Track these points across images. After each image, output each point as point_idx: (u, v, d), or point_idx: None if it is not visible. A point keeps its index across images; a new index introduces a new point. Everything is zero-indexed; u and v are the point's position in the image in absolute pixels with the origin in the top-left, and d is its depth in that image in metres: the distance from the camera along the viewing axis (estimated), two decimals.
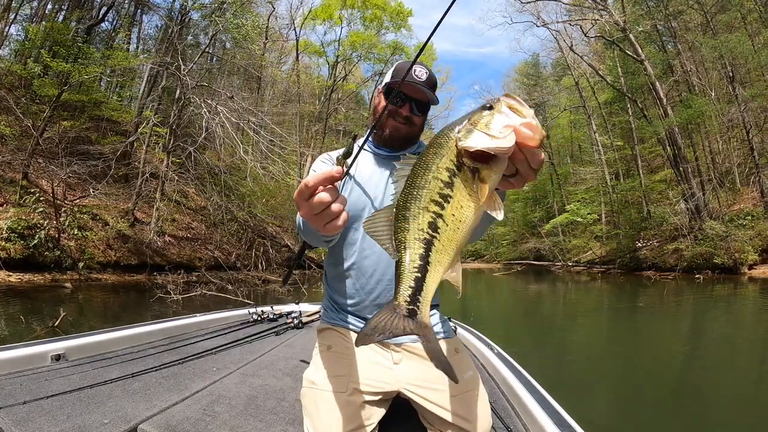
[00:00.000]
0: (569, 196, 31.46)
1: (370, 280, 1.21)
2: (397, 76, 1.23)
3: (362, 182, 1.24)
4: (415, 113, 1.24)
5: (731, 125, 18.74)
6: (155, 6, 18.53)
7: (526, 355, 4.33)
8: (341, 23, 30.44)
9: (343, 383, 1.07)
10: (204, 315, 2.69)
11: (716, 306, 9.26)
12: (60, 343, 1.75)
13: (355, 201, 1.21)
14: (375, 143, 1.31)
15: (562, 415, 1.26)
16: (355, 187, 1.23)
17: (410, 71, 1.18)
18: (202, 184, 15.83)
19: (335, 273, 1.27)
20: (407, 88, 1.20)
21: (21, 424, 1.12)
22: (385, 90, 1.25)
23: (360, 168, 1.26)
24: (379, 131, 1.27)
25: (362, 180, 1.24)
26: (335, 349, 1.17)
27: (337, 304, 1.28)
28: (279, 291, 11.51)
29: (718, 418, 2.98)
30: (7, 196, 10.29)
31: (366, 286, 1.22)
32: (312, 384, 1.09)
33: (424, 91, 1.19)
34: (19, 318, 5.64)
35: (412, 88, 1.19)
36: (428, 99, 1.23)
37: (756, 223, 15.88)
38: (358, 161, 1.26)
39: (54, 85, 12.74)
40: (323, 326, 1.29)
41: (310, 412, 1.06)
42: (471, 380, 1.16)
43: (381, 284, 1.21)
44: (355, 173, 1.25)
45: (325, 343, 1.21)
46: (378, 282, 1.21)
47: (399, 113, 1.22)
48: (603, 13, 19.75)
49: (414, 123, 1.25)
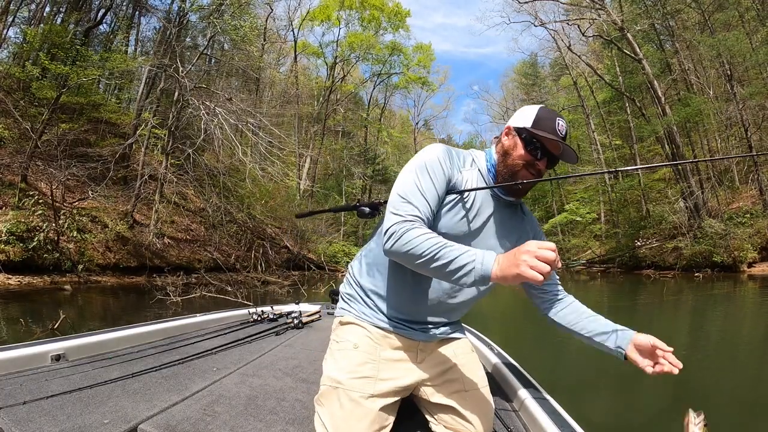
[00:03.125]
0: (568, 196, 31.51)
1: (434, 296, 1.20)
2: (541, 124, 1.14)
3: (470, 211, 1.18)
4: (547, 169, 1.19)
5: (729, 123, 18.78)
6: (153, 8, 18.51)
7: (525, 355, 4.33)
8: (339, 24, 30.49)
9: (371, 386, 1.08)
10: (204, 315, 2.68)
11: (716, 304, 9.27)
12: (60, 343, 1.75)
13: (456, 225, 1.16)
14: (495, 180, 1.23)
15: (562, 415, 1.26)
16: (463, 212, 1.17)
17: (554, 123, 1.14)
18: (201, 185, 15.82)
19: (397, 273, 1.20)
20: (549, 143, 1.14)
21: (21, 425, 1.12)
22: (526, 137, 1.16)
23: (473, 196, 1.19)
24: (507, 176, 1.18)
25: (470, 207, 1.18)
26: (363, 348, 1.16)
27: (379, 298, 1.23)
28: (278, 292, 11.52)
29: (718, 418, 2.98)
30: (5, 199, 10.27)
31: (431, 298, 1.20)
32: (337, 383, 1.08)
33: (565, 150, 1.16)
34: (18, 321, 5.63)
35: (553, 144, 1.14)
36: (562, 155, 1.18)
37: (755, 221, 15.90)
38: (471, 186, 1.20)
39: (52, 88, 12.73)
40: (348, 320, 1.24)
41: (333, 413, 1.05)
42: (482, 378, 1.25)
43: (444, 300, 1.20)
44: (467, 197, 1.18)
45: (351, 339, 1.18)
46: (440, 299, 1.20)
47: (535, 166, 1.15)
48: (600, 12, 19.78)
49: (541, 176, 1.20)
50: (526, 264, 0.83)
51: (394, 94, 38.03)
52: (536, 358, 4.83)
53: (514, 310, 9.73)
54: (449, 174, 1.15)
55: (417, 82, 35.66)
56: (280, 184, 18.33)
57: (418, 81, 35.61)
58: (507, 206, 1.25)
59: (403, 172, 1.14)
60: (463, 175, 1.18)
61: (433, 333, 1.24)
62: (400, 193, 1.08)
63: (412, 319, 1.22)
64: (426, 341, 1.23)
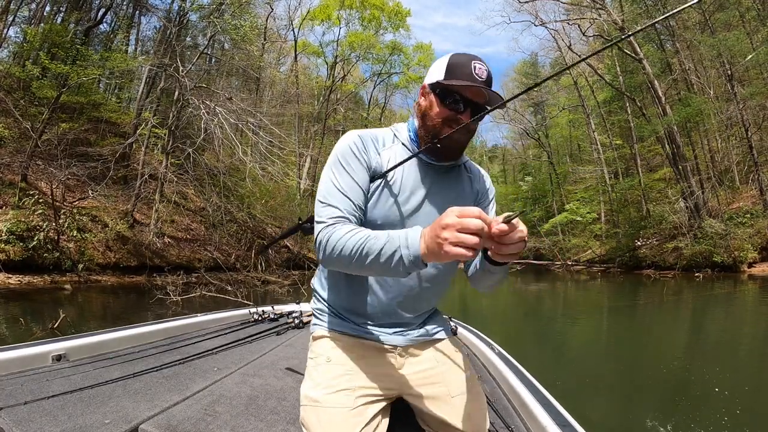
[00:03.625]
0: (568, 196, 31.48)
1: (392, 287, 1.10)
2: (455, 72, 1.01)
3: (401, 191, 1.07)
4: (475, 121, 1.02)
5: (730, 123, 18.77)
6: (153, 7, 18.50)
7: (526, 355, 4.33)
8: (339, 24, 30.45)
9: (349, 399, 0.98)
10: (205, 315, 2.69)
11: (716, 304, 9.27)
12: (61, 344, 1.75)
13: (390, 211, 1.05)
14: (419, 147, 1.10)
15: (563, 414, 1.26)
16: (393, 194, 1.06)
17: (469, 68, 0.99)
18: (201, 185, 15.83)
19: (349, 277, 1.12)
20: (467, 90, 1.00)
21: (22, 425, 1.12)
22: (440, 91, 1.03)
23: (399, 173, 1.08)
24: (430, 138, 1.06)
25: (401, 187, 1.07)
26: (336, 361, 1.06)
27: (343, 308, 1.14)
28: (279, 291, 11.52)
29: (718, 417, 2.98)
30: (6, 198, 10.27)
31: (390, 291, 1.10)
32: (315, 402, 0.98)
33: (488, 93, 1.00)
34: (18, 320, 5.63)
35: (473, 90, 1.00)
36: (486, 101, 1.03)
37: (755, 221, 15.90)
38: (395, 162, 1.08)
39: (53, 87, 12.73)
40: (320, 333, 1.15)
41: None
42: (469, 380, 1.12)
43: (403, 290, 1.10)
44: (394, 177, 1.07)
45: (323, 353, 1.09)
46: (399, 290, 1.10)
47: (457, 120, 1.02)
48: (601, 12, 19.77)
49: (471, 131, 1.06)
50: (449, 242, 0.71)
51: (394, 93, 37.99)
52: (537, 357, 4.84)
53: (515, 310, 9.74)
54: (366, 160, 1.05)
55: (417, 81, 35.64)
56: (281, 184, 18.31)
57: (418, 81, 35.59)
58: (445, 172, 1.13)
59: (322, 173, 1.06)
60: (383, 155, 1.08)
61: (409, 335, 1.13)
62: (320, 198, 1.01)
63: (383, 322, 1.12)
64: (403, 346, 1.12)
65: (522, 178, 40.40)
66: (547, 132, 35.83)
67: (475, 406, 1.08)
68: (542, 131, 35.73)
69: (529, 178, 38.85)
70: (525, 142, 43.56)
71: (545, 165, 36.20)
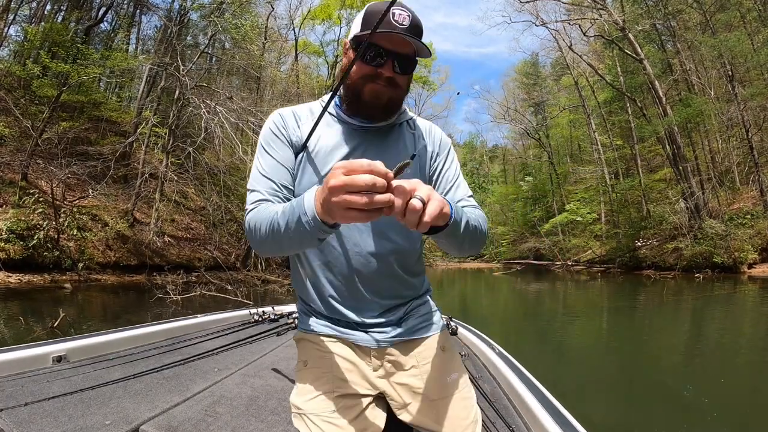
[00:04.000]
0: (569, 196, 31.50)
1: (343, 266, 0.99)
2: (370, 22, 0.91)
3: (324, 158, 0.97)
4: (398, 72, 0.92)
5: (730, 124, 18.76)
6: (154, 6, 18.50)
7: (526, 354, 4.33)
8: (340, 23, 30.44)
9: (328, 403, 0.91)
10: (205, 316, 2.69)
11: (716, 305, 9.27)
12: (61, 345, 1.75)
13: (311, 182, 0.96)
14: (345, 111, 1.01)
15: (564, 413, 1.26)
16: (316, 166, 0.97)
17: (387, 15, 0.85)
18: (202, 184, 15.84)
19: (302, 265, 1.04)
20: (386, 40, 0.89)
21: (22, 426, 1.12)
22: (356, 44, 0.94)
23: (323, 140, 0.99)
24: (352, 97, 0.96)
25: (324, 155, 0.97)
26: (313, 363, 0.99)
27: (309, 306, 1.06)
28: (279, 291, 11.52)
29: (718, 417, 2.98)
30: (6, 197, 10.28)
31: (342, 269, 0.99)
32: (298, 410, 0.93)
33: (410, 40, 0.89)
34: (18, 319, 5.63)
35: (393, 39, 0.89)
36: (415, 51, 0.93)
37: (755, 222, 15.91)
38: (320, 131, 0.99)
39: (53, 86, 12.73)
40: (298, 336, 1.08)
41: None
42: (453, 384, 0.99)
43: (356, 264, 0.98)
44: (316, 146, 0.98)
45: (302, 358, 1.02)
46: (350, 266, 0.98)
47: (379, 74, 0.92)
48: (602, 12, 19.76)
49: (398, 85, 0.95)
50: (340, 206, 0.62)
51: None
52: (537, 357, 4.84)
53: (515, 310, 9.74)
54: (287, 137, 0.98)
55: (418, 81, 35.64)
56: None
57: (419, 80, 35.59)
58: (379, 134, 1.02)
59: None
60: (303, 128, 0.99)
61: (384, 335, 1.01)
62: (249, 186, 0.96)
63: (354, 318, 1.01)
64: (377, 348, 1.01)
65: (522, 178, 40.44)
66: (547, 132, 35.84)
67: (460, 408, 0.96)
68: (543, 131, 35.73)
69: (529, 178, 38.89)
70: (525, 142, 43.57)
71: (546, 165, 36.21)
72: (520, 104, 40.91)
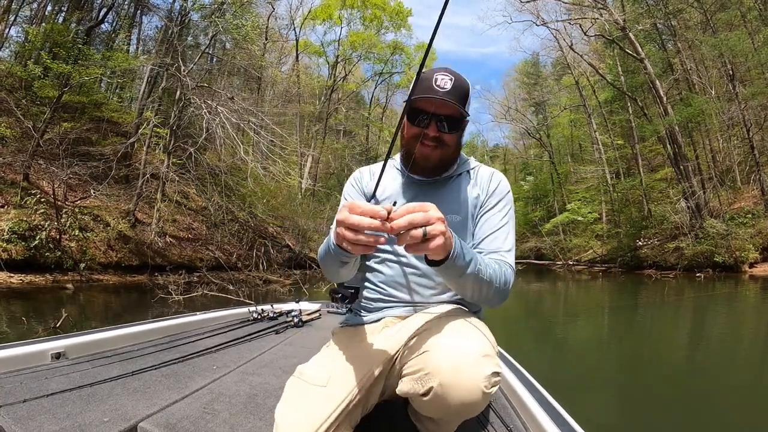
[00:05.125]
0: (570, 195, 31.43)
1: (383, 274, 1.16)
2: (417, 89, 1.02)
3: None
4: (444, 131, 1.05)
5: (731, 123, 18.71)
6: (155, 7, 18.50)
7: (525, 354, 4.33)
8: (341, 23, 30.48)
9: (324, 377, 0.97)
10: (204, 313, 2.69)
11: (717, 304, 9.25)
12: (60, 342, 1.75)
13: None
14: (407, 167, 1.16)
15: (562, 414, 1.26)
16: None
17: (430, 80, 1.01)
18: (203, 184, 15.84)
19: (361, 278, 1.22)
20: (428, 103, 1.01)
21: (21, 423, 1.12)
22: (408, 110, 1.07)
23: (387, 191, 1.16)
24: (407, 156, 1.11)
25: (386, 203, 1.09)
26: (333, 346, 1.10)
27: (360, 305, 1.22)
28: (280, 291, 11.53)
29: (719, 417, 2.98)
30: (8, 198, 10.30)
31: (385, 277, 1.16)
32: (299, 374, 1.01)
33: (450, 104, 1.01)
34: (20, 319, 5.65)
35: (434, 102, 1.01)
36: (458, 113, 1.04)
37: (757, 222, 15.87)
38: (386, 183, 1.15)
39: (54, 87, 12.75)
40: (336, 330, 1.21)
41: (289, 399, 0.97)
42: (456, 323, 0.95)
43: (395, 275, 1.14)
44: (382, 195, 1.15)
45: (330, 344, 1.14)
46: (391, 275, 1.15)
47: (425, 134, 1.05)
48: (602, 11, 19.73)
49: (446, 143, 1.07)
50: (340, 237, 0.75)
51: (395, 93, 37.97)
52: (536, 357, 4.83)
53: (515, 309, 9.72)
54: (361, 188, 1.20)
55: None
56: (282, 183, 18.29)
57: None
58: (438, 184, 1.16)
59: None
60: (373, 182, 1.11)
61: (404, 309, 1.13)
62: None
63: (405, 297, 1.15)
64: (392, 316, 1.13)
65: (523, 178, 40.34)
66: (548, 132, 35.78)
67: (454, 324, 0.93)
68: (543, 131, 35.66)
69: (530, 177, 38.82)
70: (526, 142, 43.52)
71: (546, 165, 36.16)
72: (521, 104, 40.87)
